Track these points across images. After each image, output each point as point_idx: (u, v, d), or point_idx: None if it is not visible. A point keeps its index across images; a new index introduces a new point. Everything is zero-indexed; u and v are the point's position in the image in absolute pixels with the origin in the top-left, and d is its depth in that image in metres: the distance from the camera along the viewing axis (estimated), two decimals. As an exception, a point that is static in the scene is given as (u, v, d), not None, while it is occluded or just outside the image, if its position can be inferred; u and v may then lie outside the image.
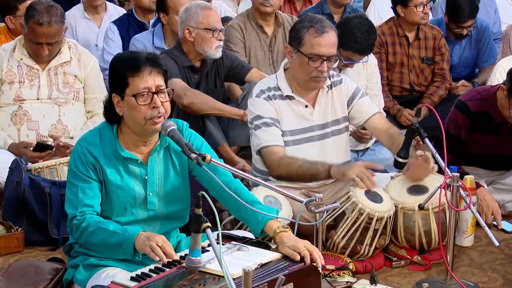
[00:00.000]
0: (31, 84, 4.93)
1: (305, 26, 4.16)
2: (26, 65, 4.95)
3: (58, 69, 4.99)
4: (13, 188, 4.44)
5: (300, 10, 7.36)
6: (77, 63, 5.05)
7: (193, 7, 5.22)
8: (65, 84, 5.00)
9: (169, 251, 3.07)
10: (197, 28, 5.15)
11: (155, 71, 3.28)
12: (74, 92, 5.02)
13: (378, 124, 4.38)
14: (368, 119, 4.37)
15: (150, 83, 3.26)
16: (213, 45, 5.16)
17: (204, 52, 5.17)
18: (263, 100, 4.25)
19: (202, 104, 5.13)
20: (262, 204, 3.49)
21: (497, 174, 4.89)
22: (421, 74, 6.34)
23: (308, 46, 4.13)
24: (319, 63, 4.13)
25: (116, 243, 3.20)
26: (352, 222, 3.99)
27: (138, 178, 3.39)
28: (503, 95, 4.44)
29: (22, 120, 4.93)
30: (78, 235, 3.29)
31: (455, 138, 4.58)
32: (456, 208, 3.78)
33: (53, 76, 4.98)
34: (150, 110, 3.26)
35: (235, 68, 5.44)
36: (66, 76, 5.00)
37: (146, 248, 3.09)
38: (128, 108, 3.29)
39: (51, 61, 4.97)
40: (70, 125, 4.97)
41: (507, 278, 4.02)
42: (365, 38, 4.99)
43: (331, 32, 4.16)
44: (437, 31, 6.36)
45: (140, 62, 3.26)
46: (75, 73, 5.03)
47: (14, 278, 3.59)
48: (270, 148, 4.20)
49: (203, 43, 5.16)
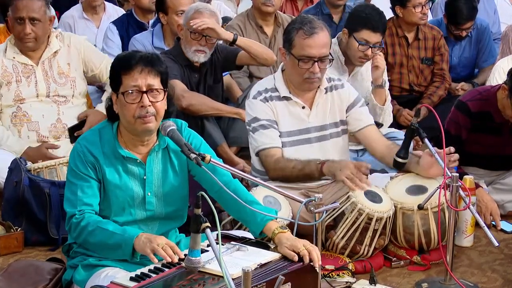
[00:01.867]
0: (28, 81, 4.95)
1: (295, 28, 4.17)
2: (20, 63, 4.97)
3: (51, 60, 5.02)
4: (12, 188, 4.44)
5: (302, 8, 7.37)
6: (67, 49, 5.09)
7: (192, 7, 5.26)
8: (60, 74, 5.03)
9: (171, 253, 3.06)
10: (185, 27, 5.19)
11: (146, 70, 3.26)
12: (71, 82, 5.05)
13: (374, 134, 4.39)
14: (363, 128, 4.37)
15: (140, 81, 3.25)
16: (192, 47, 5.17)
17: (186, 52, 5.20)
18: (260, 101, 4.25)
19: (201, 105, 5.14)
20: (261, 204, 3.50)
21: (497, 174, 4.89)
22: (420, 75, 6.34)
23: (299, 48, 4.13)
24: (310, 65, 4.13)
25: (115, 244, 3.19)
26: (352, 222, 3.99)
27: (137, 178, 3.39)
28: (505, 95, 4.44)
29: (22, 121, 4.94)
30: (77, 234, 3.28)
31: (456, 138, 4.57)
32: (456, 208, 3.78)
33: (48, 69, 5.00)
34: (139, 109, 3.26)
35: (227, 55, 5.42)
36: (60, 66, 5.04)
37: (147, 250, 3.08)
38: (120, 106, 3.30)
39: (42, 54, 5.00)
40: (69, 124, 5.00)
41: (506, 278, 4.03)
42: (376, 15, 5.03)
43: (322, 33, 4.15)
44: (437, 31, 6.36)
45: (133, 61, 3.26)
46: (67, 60, 5.07)
47: (13, 278, 3.58)
48: (267, 151, 4.21)
49: (186, 43, 5.22)
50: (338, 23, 6.61)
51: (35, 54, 5.01)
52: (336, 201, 3.95)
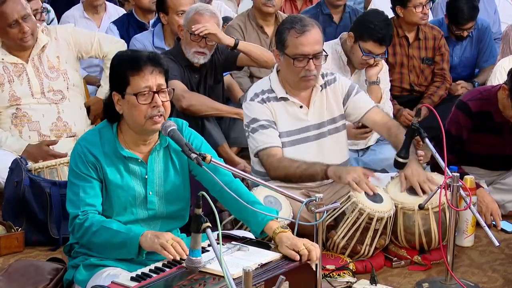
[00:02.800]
0: (20, 80, 4.95)
1: (286, 28, 4.17)
2: (10, 63, 4.97)
3: (40, 56, 5.02)
4: (13, 188, 4.44)
5: (301, 8, 7.36)
6: (55, 42, 5.10)
7: (192, 8, 5.25)
8: (51, 69, 5.03)
9: (180, 250, 3.06)
10: (186, 28, 5.19)
11: (156, 70, 3.28)
12: (63, 75, 5.05)
13: (376, 117, 4.39)
14: (365, 114, 4.38)
15: (151, 82, 3.26)
16: (192, 49, 5.16)
17: (186, 53, 5.20)
18: (258, 103, 4.25)
19: (201, 105, 5.14)
20: (262, 204, 3.50)
21: (497, 174, 4.89)
22: (421, 75, 6.33)
23: (292, 47, 4.13)
24: (305, 63, 4.13)
25: (120, 243, 3.19)
26: (352, 222, 3.99)
27: (138, 177, 3.39)
28: (505, 95, 4.44)
29: (22, 121, 4.94)
30: (81, 235, 3.28)
31: (456, 138, 4.58)
32: (456, 208, 3.78)
33: (39, 65, 5.00)
34: (150, 109, 3.26)
35: (227, 56, 5.42)
36: (50, 61, 5.04)
37: (156, 247, 3.08)
38: (129, 107, 3.29)
39: (31, 51, 5.00)
40: (70, 122, 5.00)
41: (507, 278, 4.03)
42: (383, 27, 5.08)
43: (313, 30, 4.15)
44: (437, 31, 6.36)
45: (142, 61, 3.26)
46: (56, 53, 5.07)
47: (14, 278, 3.58)
48: (268, 150, 4.21)
49: (186, 44, 5.21)
50: (338, 23, 6.61)
51: (24, 53, 5.00)
52: (337, 201, 3.96)
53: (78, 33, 5.26)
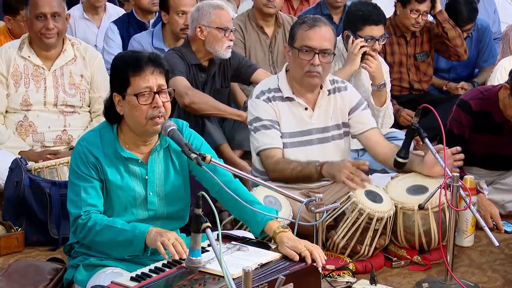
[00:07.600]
0: (37, 86, 4.89)
1: (298, 23, 4.24)
2: (32, 64, 4.90)
3: (64, 68, 4.95)
4: (13, 188, 4.44)
5: (297, 8, 7.37)
6: (83, 61, 5.02)
7: (206, 6, 5.22)
8: (71, 85, 4.96)
9: (180, 250, 3.06)
10: (209, 27, 5.15)
11: (157, 70, 3.28)
12: (81, 94, 4.98)
13: (377, 138, 4.37)
14: (366, 131, 4.36)
15: (152, 82, 3.26)
16: (224, 45, 5.16)
17: (215, 51, 5.17)
18: (263, 101, 4.25)
19: (203, 104, 5.13)
20: (262, 204, 3.50)
21: (498, 174, 4.89)
22: (418, 71, 6.33)
23: (300, 39, 4.17)
24: (310, 56, 4.13)
25: (125, 240, 3.19)
26: (352, 222, 3.99)
27: (139, 178, 3.39)
28: (506, 94, 4.45)
29: (27, 131, 4.90)
30: (84, 235, 3.28)
31: (458, 138, 4.57)
32: (456, 208, 3.78)
33: (59, 77, 4.94)
34: (151, 109, 3.26)
35: (242, 68, 5.43)
36: (72, 77, 4.96)
37: (157, 244, 3.09)
38: (129, 108, 3.29)
39: (56, 61, 4.94)
40: (75, 135, 4.93)
41: (507, 278, 4.03)
42: (372, 9, 5.08)
43: (324, 27, 4.17)
44: (429, 22, 6.31)
45: (142, 62, 3.26)
46: (81, 72, 4.99)
47: (14, 278, 3.58)
48: (268, 151, 4.21)
49: (214, 42, 5.16)
50: (338, 23, 6.60)
51: (49, 58, 4.93)
52: (337, 201, 3.96)
53: (102, 71, 5.06)
